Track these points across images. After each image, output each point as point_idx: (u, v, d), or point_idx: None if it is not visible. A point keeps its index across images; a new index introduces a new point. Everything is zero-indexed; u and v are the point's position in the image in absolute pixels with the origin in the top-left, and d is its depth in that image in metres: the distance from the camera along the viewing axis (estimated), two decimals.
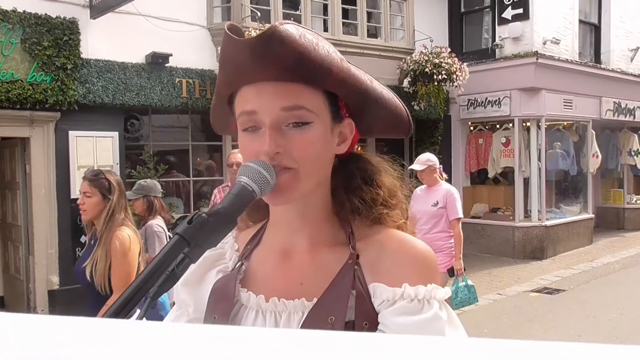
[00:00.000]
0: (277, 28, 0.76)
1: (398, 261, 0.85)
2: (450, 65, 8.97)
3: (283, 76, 0.80)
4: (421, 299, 0.80)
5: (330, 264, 0.87)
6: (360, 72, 0.88)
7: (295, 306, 0.85)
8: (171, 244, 0.68)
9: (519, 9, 9.73)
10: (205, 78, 7.56)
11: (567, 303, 6.82)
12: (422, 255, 0.86)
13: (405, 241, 0.88)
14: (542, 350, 0.33)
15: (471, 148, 10.59)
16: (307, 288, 0.86)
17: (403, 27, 9.52)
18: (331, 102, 0.86)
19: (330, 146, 0.87)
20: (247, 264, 0.94)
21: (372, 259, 0.86)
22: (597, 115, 11.15)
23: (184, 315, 0.97)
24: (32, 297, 6.55)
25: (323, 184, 0.89)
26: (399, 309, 0.80)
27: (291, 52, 0.77)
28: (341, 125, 0.89)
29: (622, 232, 12.45)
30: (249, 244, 0.97)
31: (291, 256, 0.90)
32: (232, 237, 1.00)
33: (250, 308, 0.88)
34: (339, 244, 0.89)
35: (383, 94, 0.91)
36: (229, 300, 0.88)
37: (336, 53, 0.83)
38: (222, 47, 0.83)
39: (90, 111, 6.68)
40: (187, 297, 0.95)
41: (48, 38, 6.29)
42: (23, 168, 6.62)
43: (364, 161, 0.96)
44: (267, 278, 0.90)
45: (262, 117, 0.82)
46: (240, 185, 0.77)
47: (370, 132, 1.00)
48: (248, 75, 0.82)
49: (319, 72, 0.80)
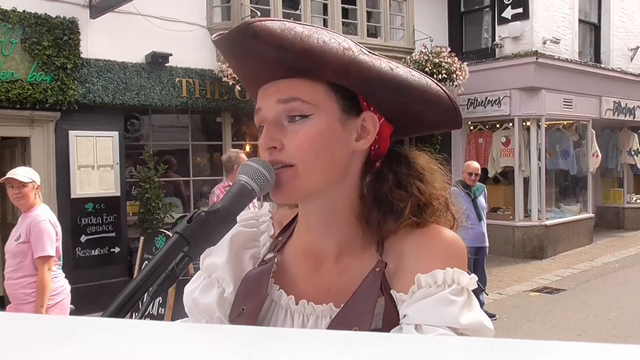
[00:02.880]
0: (249, 24, 0.77)
1: (420, 254, 0.81)
2: (450, 65, 8.97)
3: (279, 73, 0.81)
4: (441, 284, 0.76)
5: (358, 271, 0.84)
6: (379, 60, 0.82)
7: (323, 310, 0.83)
8: (171, 242, 0.68)
9: (518, 8, 9.73)
10: (205, 78, 7.56)
11: (567, 302, 6.82)
12: (444, 242, 0.81)
13: (430, 231, 0.83)
14: (542, 349, 0.33)
15: (471, 147, 10.58)
16: (334, 294, 0.84)
17: (403, 27, 9.52)
18: (342, 95, 0.82)
19: (339, 141, 0.82)
20: (280, 258, 0.91)
21: (398, 264, 0.82)
22: (597, 114, 11.14)
23: (214, 287, 0.91)
24: None
25: (340, 183, 0.84)
26: (417, 297, 0.76)
27: (269, 45, 0.77)
28: (359, 119, 0.84)
29: (622, 232, 12.44)
30: (281, 235, 0.95)
31: (320, 262, 0.88)
32: (268, 217, 0.97)
33: (281, 306, 0.87)
34: (368, 250, 0.85)
35: (409, 80, 0.83)
36: (261, 294, 0.86)
37: (340, 44, 0.79)
38: (225, 59, 0.86)
39: (90, 111, 6.68)
40: (227, 276, 0.90)
41: (48, 38, 6.29)
42: None
43: (403, 162, 0.88)
44: (297, 280, 0.89)
45: (265, 113, 0.83)
46: (240, 184, 0.77)
47: (409, 128, 0.91)
48: (252, 80, 0.86)
49: (310, 63, 0.78)
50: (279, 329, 0.65)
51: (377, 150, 0.88)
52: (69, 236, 6.61)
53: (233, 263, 0.91)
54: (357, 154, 0.85)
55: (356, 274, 0.84)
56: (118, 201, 6.94)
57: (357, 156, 0.86)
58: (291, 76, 0.81)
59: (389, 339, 0.37)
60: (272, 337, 0.39)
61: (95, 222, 6.79)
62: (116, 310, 0.63)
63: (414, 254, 0.82)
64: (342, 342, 0.37)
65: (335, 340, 0.38)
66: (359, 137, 0.84)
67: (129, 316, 0.64)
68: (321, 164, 0.80)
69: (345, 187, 0.85)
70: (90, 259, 6.77)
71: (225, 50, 0.84)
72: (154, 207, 6.91)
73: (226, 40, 0.81)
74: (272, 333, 0.41)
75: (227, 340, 0.39)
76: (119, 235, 6.96)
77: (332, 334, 0.38)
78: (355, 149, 0.84)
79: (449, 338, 0.58)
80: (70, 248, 6.63)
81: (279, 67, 0.80)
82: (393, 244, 0.84)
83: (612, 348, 0.32)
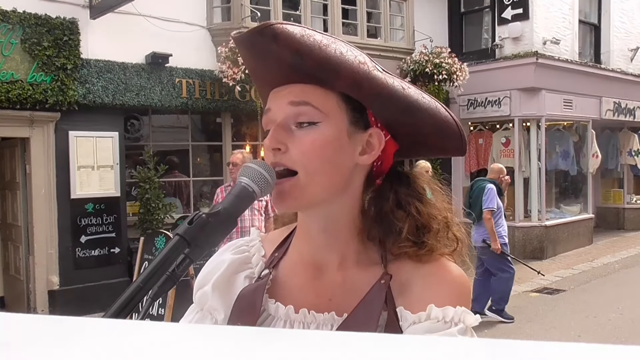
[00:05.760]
0: (270, 25, 0.77)
1: (429, 284, 0.81)
2: (451, 66, 8.97)
3: (292, 77, 0.81)
4: (448, 320, 0.77)
5: (361, 283, 0.83)
6: (392, 79, 0.82)
7: (325, 319, 0.83)
8: (172, 244, 0.68)
9: (518, 9, 9.73)
10: (205, 78, 7.56)
11: (567, 303, 6.82)
12: (454, 280, 0.82)
13: (440, 264, 0.84)
14: (542, 350, 0.33)
15: (471, 148, 10.59)
16: (336, 304, 0.84)
17: (403, 27, 9.52)
18: (352, 107, 0.82)
19: (344, 152, 0.82)
20: (275, 273, 0.90)
21: (403, 281, 0.83)
22: (597, 115, 11.15)
23: (207, 319, 0.91)
24: (32, 297, 6.55)
25: (342, 196, 0.84)
26: (424, 327, 0.77)
27: (287, 49, 0.77)
28: (366, 133, 0.84)
29: (622, 232, 12.45)
30: (277, 251, 0.94)
31: (320, 271, 0.87)
32: (257, 240, 0.97)
33: (279, 318, 0.86)
34: (372, 263, 0.85)
35: (419, 102, 0.83)
36: (255, 310, 0.85)
37: (357, 57, 0.80)
38: (242, 57, 0.87)
39: (90, 111, 6.69)
40: (217, 304, 0.89)
41: (48, 38, 6.30)
42: (23, 168, 6.62)
43: (404, 181, 0.88)
44: (296, 291, 0.88)
45: (274, 114, 0.83)
46: (241, 186, 0.77)
47: (414, 149, 0.91)
48: (265, 80, 0.86)
49: (325, 72, 0.79)
50: (280, 330, 0.65)
51: (380, 166, 0.88)
52: (69, 236, 6.62)
53: (224, 289, 0.90)
54: (359, 168, 0.85)
55: (359, 285, 0.83)
56: (118, 202, 6.94)
57: (360, 170, 0.85)
58: (304, 82, 0.81)
59: (389, 340, 0.37)
60: (274, 337, 0.39)
61: (95, 222, 6.79)
62: (117, 311, 0.63)
63: (423, 282, 0.82)
64: (343, 342, 0.37)
65: (335, 341, 0.38)
66: (363, 151, 0.84)
67: (130, 317, 0.65)
68: (324, 173, 0.80)
69: (346, 200, 0.85)
70: (90, 259, 6.77)
71: (243, 48, 0.85)
72: (154, 208, 6.92)
73: (245, 39, 0.82)
74: (274, 334, 0.41)
75: (228, 341, 0.39)
76: (118, 235, 6.96)
77: (333, 335, 0.38)
78: (358, 163, 0.84)
79: (449, 338, 0.59)
80: (70, 248, 6.64)
81: (294, 72, 0.80)
82: (397, 266, 0.84)
83: (612, 349, 0.32)
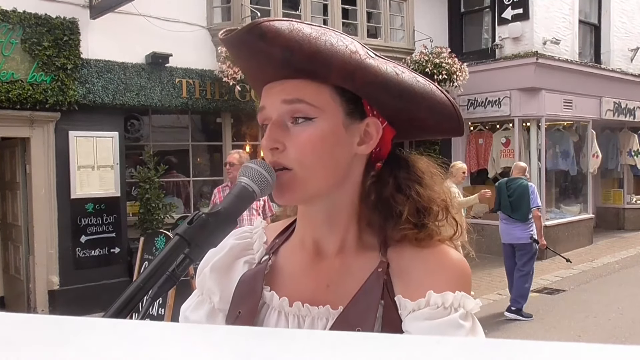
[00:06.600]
0: (258, 24, 0.76)
1: (429, 270, 0.81)
2: (451, 66, 8.97)
3: (284, 73, 0.81)
4: (448, 306, 0.77)
5: (359, 270, 0.83)
6: (385, 64, 0.82)
7: (319, 313, 0.83)
8: (172, 244, 0.68)
9: (518, 9, 9.73)
10: (205, 78, 7.56)
11: (567, 303, 6.82)
12: (454, 265, 0.82)
13: (439, 249, 0.84)
14: (542, 350, 0.33)
15: (471, 148, 10.59)
16: (333, 292, 0.84)
17: (403, 27, 9.53)
18: (347, 98, 0.82)
19: (342, 145, 0.82)
20: (274, 259, 0.91)
21: (403, 267, 0.82)
22: (597, 115, 11.14)
23: (205, 302, 0.92)
24: (32, 297, 6.55)
25: (342, 186, 0.84)
26: (424, 314, 0.77)
27: (277, 46, 0.76)
28: (362, 123, 0.83)
29: (622, 232, 12.44)
30: (278, 237, 0.95)
31: (320, 257, 0.88)
32: (260, 227, 0.97)
33: (273, 308, 0.86)
34: (370, 250, 0.85)
35: (414, 86, 0.83)
36: (255, 296, 0.86)
37: (348, 47, 0.78)
38: (232, 57, 0.87)
39: (90, 111, 6.69)
40: (214, 285, 0.91)
41: (48, 38, 6.30)
42: (23, 168, 6.62)
43: (403, 165, 0.88)
44: (293, 278, 0.88)
45: (269, 112, 0.83)
46: (241, 186, 0.77)
47: (411, 133, 0.92)
48: (256, 76, 0.86)
49: (317, 66, 0.78)
50: (279, 329, 0.65)
51: (379, 152, 0.88)
52: (69, 236, 6.62)
53: (223, 272, 0.91)
54: (359, 157, 0.85)
55: (357, 273, 0.83)
56: (118, 201, 6.94)
57: (359, 159, 0.86)
58: (297, 77, 0.80)
59: (388, 339, 0.37)
60: (272, 337, 0.39)
61: (95, 222, 6.79)
62: (117, 311, 0.63)
63: (422, 268, 0.82)
64: (342, 342, 0.37)
65: (335, 341, 0.38)
66: (361, 141, 0.84)
67: (130, 317, 0.65)
68: (323, 167, 0.80)
69: (347, 190, 0.86)
70: (90, 259, 6.77)
71: (232, 48, 0.84)
72: (154, 208, 6.92)
73: (233, 39, 0.81)
74: (273, 333, 0.41)
75: (226, 340, 0.39)
76: (119, 235, 6.96)
77: (332, 334, 0.38)
78: (357, 153, 0.84)
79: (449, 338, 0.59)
80: (70, 248, 6.63)
81: (286, 68, 0.79)
82: (397, 252, 0.84)
83: (612, 349, 0.32)
